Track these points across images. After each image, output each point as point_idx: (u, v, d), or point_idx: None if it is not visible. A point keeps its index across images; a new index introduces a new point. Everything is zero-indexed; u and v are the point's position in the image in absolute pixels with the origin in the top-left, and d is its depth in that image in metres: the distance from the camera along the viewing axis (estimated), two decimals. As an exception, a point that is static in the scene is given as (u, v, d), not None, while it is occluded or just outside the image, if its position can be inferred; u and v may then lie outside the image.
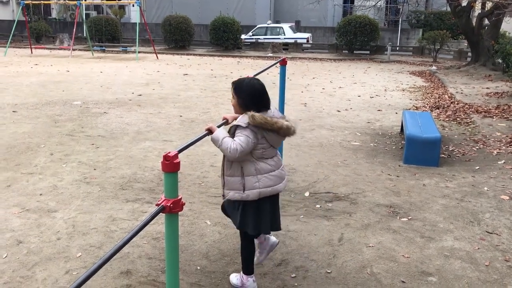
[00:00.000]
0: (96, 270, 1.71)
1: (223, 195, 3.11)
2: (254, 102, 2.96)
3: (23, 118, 8.35)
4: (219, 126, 3.02)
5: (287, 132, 2.97)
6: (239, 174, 2.98)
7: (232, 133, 2.95)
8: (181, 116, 8.84)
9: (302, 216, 4.42)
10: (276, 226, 3.19)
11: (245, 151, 2.88)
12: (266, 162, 3.00)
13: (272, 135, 2.95)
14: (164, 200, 2.17)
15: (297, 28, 28.55)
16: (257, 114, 2.88)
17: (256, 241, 3.30)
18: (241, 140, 2.87)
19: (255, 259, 3.30)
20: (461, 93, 11.96)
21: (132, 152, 6.43)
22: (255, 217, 3.04)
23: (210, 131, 2.91)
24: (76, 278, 3.24)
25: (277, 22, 29.47)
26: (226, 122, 3.21)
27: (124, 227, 4.16)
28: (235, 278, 3.31)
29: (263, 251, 3.29)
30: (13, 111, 8.93)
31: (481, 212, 4.59)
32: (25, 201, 4.67)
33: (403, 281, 3.37)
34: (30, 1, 24.09)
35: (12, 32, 23.58)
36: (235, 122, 2.98)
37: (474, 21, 18.13)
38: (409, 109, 9.82)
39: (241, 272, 3.26)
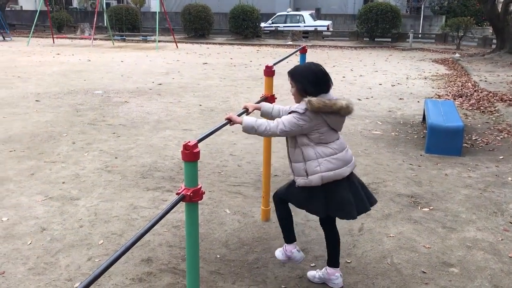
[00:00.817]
0: (118, 258, 1.73)
1: (294, 182, 3.01)
2: (313, 86, 2.84)
3: (46, 107, 8.48)
4: (239, 115, 2.99)
5: (347, 111, 2.86)
6: (301, 159, 2.91)
7: None
8: (200, 105, 8.86)
9: (321, 206, 4.39)
10: (343, 213, 2.98)
11: (287, 131, 2.82)
12: (327, 146, 2.89)
13: (332, 117, 2.85)
14: (184, 189, 2.18)
15: (317, 15, 28.29)
16: (314, 99, 2.77)
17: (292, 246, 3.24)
18: (286, 119, 2.81)
19: (276, 252, 3.29)
20: (485, 81, 11.72)
21: (153, 141, 6.48)
22: (324, 200, 2.93)
23: (230, 120, 2.89)
24: (98, 265, 3.30)
25: (297, 9, 29.25)
26: (246, 111, 3.19)
27: (145, 215, 4.20)
28: (279, 253, 3.26)
29: (286, 257, 3.24)
30: (36, 100, 9.06)
31: (505, 203, 4.51)
32: (48, 189, 4.75)
33: (423, 272, 3.34)
34: (52, -9, 24.34)
35: (34, 22, 23.89)
36: (291, 108, 2.90)
37: (499, 7, 17.69)
38: (432, 97, 9.66)
39: (284, 245, 3.23)
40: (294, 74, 2.94)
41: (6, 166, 5.41)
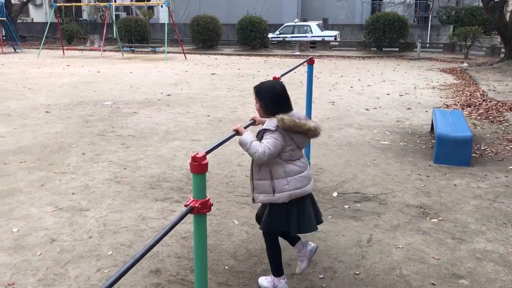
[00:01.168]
0: (128, 270, 1.74)
1: (253, 199, 3.09)
2: (277, 105, 2.96)
3: (56, 119, 8.56)
4: (246, 127, 3.03)
5: (314, 133, 2.98)
6: (268, 177, 2.98)
7: (260, 137, 2.95)
8: (208, 115, 8.90)
9: (330, 217, 4.39)
10: (307, 228, 3.12)
11: (273, 154, 2.88)
12: (295, 164, 3.00)
13: (300, 137, 2.96)
14: (193, 201, 2.19)
15: (325, 26, 28.37)
16: (286, 117, 2.88)
17: (295, 249, 3.28)
18: (269, 143, 2.87)
19: (297, 268, 3.28)
20: (494, 90, 11.67)
21: (161, 151, 6.52)
22: (285, 219, 3.02)
23: (237, 132, 2.93)
24: (107, 276, 3.32)
25: (305, 20, 29.34)
26: (253, 122, 3.22)
27: (154, 226, 4.22)
28: (265, 281, 3.29)
29: (303, 258, 3.24)
30: (46, 112, 9.16)
31: (515, 214, 4.48)
32: (58, 200, 4.79)
33: (433, 284, 3.32)
34: (62, 4, 24.66)
35: (45, 34, 24.20)
36: (263, 126, 2.98)
37: (507, 16, 17.65)
38: (440, 107, 9.64)
39: (271, 275, 3.25)
40: (258, 91, 3.05)
41: (17, 177, 5.46)
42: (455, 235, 4.04)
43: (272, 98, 2.98)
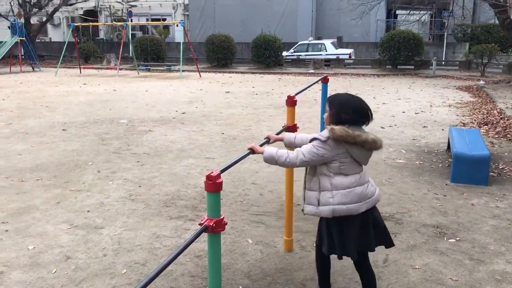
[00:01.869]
0: (142, 289, 1.74)
1: (302, 210, 3.03)
2: (346, 114, 2.82)
3: (72, 136, 8.66)
4: (261, 145, 3.01)
5: (373, 145, 2.83)
6: (316, 188, 2.89)
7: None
8: (223, 133, 8.93)
9: (345, 236, 4.34)
10: (355, 251, 2.93)
11: (307, 162, 2.82)
12: (345, 178, 2.86)
13: (356, 150, 2.82)
14: (207, 219, 2.19)
15: (339, 44, 28.45)
16: (336, 127, 2.77)
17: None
18: (306, 149, 2.82)
19: None
20: None
21: (176, 169, 6.54)
22: (329, 236, 2.92)
23: (252, 151, 2.91)
24: (121, 295, 3.30)
25: (319, 38, 29.48)
26: (268, 141, 3.21)
27: (168, 244, 4.21)
28: None
29: None
30: (63, 130, 9.28)
31: (535, 234, 4.38)
32: (73, 218, 4.82)
33: (451, 306, 3.25)
34: (80, 24, 25.15)
35: (62, 53, 24.66)
36: (314, 135, 2.91)
37: (523, 33, 17.52)
38: (456, 125, 9.55)
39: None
40: (332, 100, 2.96)
41: (33, 194, 5.52)
42: (473, 256, 3.96)
43: (345, 107, 2.84)
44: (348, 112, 2.83)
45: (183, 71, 22.37)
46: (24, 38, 25.69)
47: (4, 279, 3.60)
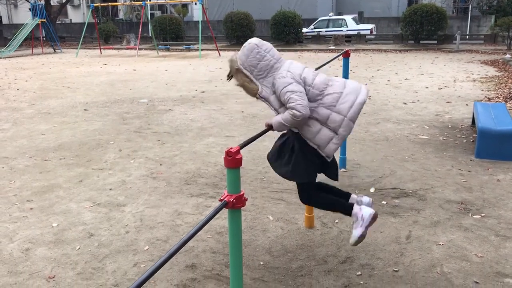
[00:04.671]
0: (163, 264, 1.73)
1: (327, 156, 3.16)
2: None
3: (94, 116, 8.74)
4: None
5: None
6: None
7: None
8: (242, 112, 8.90)
9: (367, 212, 4.29)
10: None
11: (304, 99, 2.92)
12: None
13: None
14: (227, 195, 2.17)
15: (360, 19, 27.94)
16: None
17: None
18: (289, 98, 2.91)
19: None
20: (539, 82, 11.20)
21: (196, 147, 6.55)
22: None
23: (271, 127, 2.87)
24: (143, 271, 3.34)
25: (339, 14, 28.99)
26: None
27: (189, 221, 4.23)
28: (355, 231, 3.06)
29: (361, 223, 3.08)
30: (84, 110, 9.36)
31: None
32: (96, 196, 4.87)
33: (476, 282, 3.19)
34: (99, 4, 25.18)
35: (83, 34, 24.81)
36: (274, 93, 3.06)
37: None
38: (481, 100, 9.31)
39: (355, 220, 3.11)
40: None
41: (56, 173, 5.60)
42: (499, 232, 3.88)
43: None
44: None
45: (202, 50, 22.30)
46: (45, 20, 25.89)
47: (30, 255, 3.68)
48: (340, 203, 3.17)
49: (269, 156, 3.32)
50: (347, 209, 3.13)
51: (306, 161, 3.04)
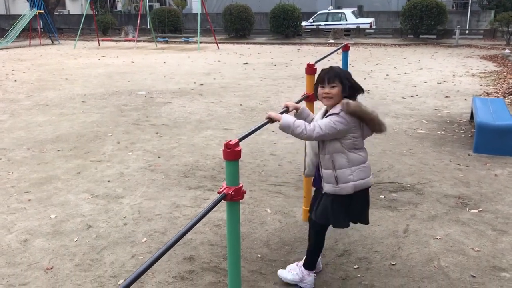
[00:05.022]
0: (161, 256, 1.73)
1: (322, 188, 2.93)
2: (353, 87, 2.84)
3: (92, 108, 8.71)
4: (280, 113, 2.93)
5: (378, 127, 2.79)
6: (331, 166, 2.82)
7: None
8: (241, 104, 8.88)
9: (365, 206, 4.30)
10: (363, 220, 3.02)
11: (324, 135, 2.73)
12: (358, 153, 2.82)
13: (366, 128, 2.81)
14: (226, 188, 2.17)
15: (360, 13, 27.87)
16: (351, 101, 2.72)
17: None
18: (323, 123, 2.73)
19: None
20: (538, 77, 11.20)
21: (194, 140, 6.54)
22: (345, 211, 2.90)
23: (271, 119, 2.84)
24: (141, 263, 3.35)
25: (339, 7, 28.90)
26: (287, 110, 3.15)
27: (187, 213, 4.24)
28: (289, 273, 3.16)
29: (297, 280, 3.15)
30: (83, 101, 9.34)
31: (561, 205, 4.28)
32: (94, 188, 4.87)
33: (473, 276, 3.21)
34: (98, -5, 25.04)
35: (81, 26, 24.68)
36: (328, 113, 2.82)
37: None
38: (480, 95, 9.32)
39: (301, 265, 3.15)
40: (340, 74, 2.84)
41: (54, 165, 5.59)
42: (496, 227, 3.90)
43: (351, 81, 2.85)
44: (353, 86, 2.85)
45: (200, 42, 22.23)
46: (42, 11, 25.74)
47: (28, 247, 3.68)
48: (318, 253, 3.18)
49: None
50: (314, 261, 3.15)
51: None
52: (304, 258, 3.18)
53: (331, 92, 2.82)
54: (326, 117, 2.80)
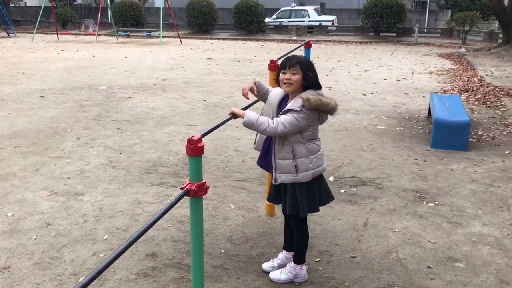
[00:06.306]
0: (122, 252, 1.72)
1: (275, 179, 2.97)
2: (315, 77, 2.88)
3: (51, 103, 8.49)
4: (243, 109, 2.94)
5: (335, 110, 2.86)
6: (290, 156, 2.87)
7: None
8: (204, 100, 8.85)
9: (326, 201, 4.38)
10: (327, 200, 3.14)
11: (287, 132, 2.78)
12: (315, 143, 2.93)
13: (324, 115, 2.88)
14: (189, 183, 2.17)
15: (322, 10, 28.18)
16: (311, 96, 2.76)
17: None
18: (286, 120, 2.76)
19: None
20: (491, 75, 11.64)
21: (157, 136, 6.48)
22: (309, 198, 2.98)
23: (234, 115, 2.84)
24: (102, 260, 3.30)
25: (302, 4, 29.14)
26: (250, 105, 3.16)
27: (150, 210, 4.20)
28: (282, 274, 3.16)
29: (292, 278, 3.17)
30: (41, 96, 9.08)
31: (511, 198, 4.48)
32: (53, 185, 4.76)
33: (429, 267, 3.33)
34: (56, -13, 24.32)
35: (38, 19, 23.90)
36: (287, 107, 2.82)
37: (506, 1, 17.55)
38: (437, 92, 9.61)
39: (292, 263, 3.16)
40: (302, 61, 2.86)
41: (11, 161, 5.42)
42: (451, 219, 4.05)
43: (312, 69, 2.88)
44: (316, 75, 2.89)
45: (163, 37, 21.96)
46: (-3, 2, 24.80)
47: (-17, 246, 3.56)
48: (306, 245, 3.22)
49: None
50: (304, 254, 3.20)
51: None
52: (293, 253, 3.18)
53: (292, 78, 2.85)
54: (286, 111, 2.82)
